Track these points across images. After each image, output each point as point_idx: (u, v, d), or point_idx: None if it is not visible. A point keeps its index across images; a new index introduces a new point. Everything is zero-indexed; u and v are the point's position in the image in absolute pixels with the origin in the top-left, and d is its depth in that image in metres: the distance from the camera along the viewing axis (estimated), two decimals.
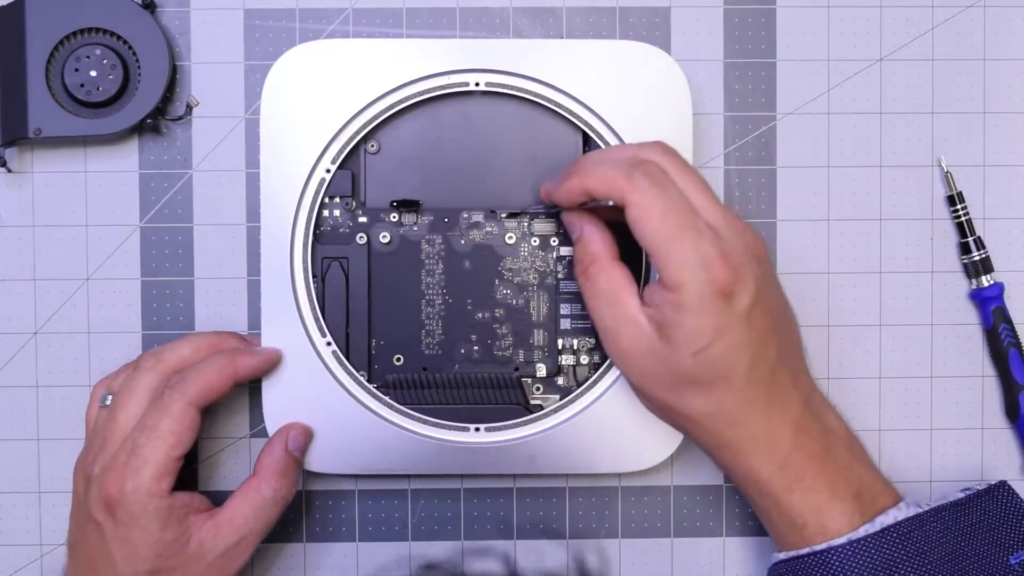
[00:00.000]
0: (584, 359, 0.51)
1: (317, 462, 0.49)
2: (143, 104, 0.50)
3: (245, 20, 0.52)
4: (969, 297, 0.53)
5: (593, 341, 0.51)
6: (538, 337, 0.51)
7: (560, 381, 0.51)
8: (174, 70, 0.51)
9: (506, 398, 0.50)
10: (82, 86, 0.50)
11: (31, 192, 0.52)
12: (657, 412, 0.47)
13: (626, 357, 0.45)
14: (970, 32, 0.53)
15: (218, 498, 0.47)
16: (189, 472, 0.51)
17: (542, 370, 0.51)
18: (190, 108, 0.52)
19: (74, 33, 0.50)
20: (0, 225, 0.52)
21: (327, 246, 0.50)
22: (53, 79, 0.50)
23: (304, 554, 0.52)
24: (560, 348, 0.51)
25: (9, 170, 0.52)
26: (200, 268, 0.52)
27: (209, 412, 0.47)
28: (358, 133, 0.49)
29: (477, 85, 0.49)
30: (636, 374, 0.45)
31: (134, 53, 0.50)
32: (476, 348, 0.51)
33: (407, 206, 0.50)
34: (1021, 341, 0.52)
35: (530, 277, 0.51)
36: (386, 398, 0.49)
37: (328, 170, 0.49)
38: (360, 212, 0.50)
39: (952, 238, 0.53)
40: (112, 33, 0.50)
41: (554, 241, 0.51)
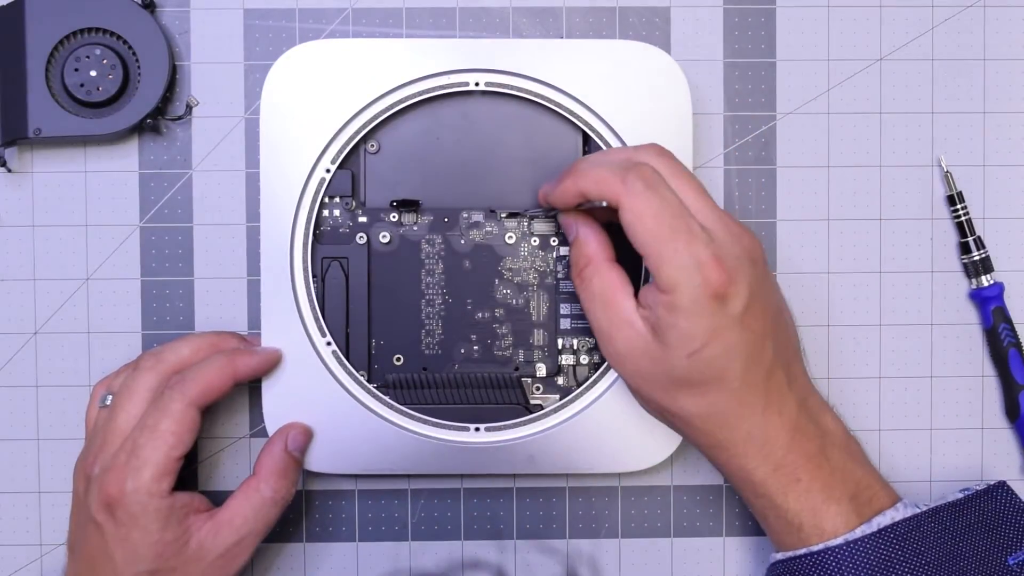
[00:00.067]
0: (584, 359, 0.51)
1: (317, 462, 0.49)
2: (143, 104, 0.50)
3: (245, 20, 0.52)
4: (969, 297, 0.53)
5: (593, 341, 0.51)
6: (538, 337, 0.51)
7: (560, 381, 0.51)
8: (174, 70, 0.51)
9: (506, 398, 0.50)
10: (82, 86, 0.50)
11: (31, 192, 0.52)
12: (654, 413, 0.47)
13: (622, 359, 0.45)
14: (970, 32, 0.53)
15: (218, 498, 0.48)
16: (189, 472, 0.51)
17: (542, 370, 0.51)
18: (190, 108, 0.52)
19: (74, 33, 0.50)
20: (0, 225, 0.52)
21: (327, 246, 0.50)
22: (53, 79, 0.50)
23: (304, 554, 0.52)
24: (560, 348, 0.51)
25: (9, 170, 0.52)
26: (200, 268, 0.52)
27: (209, 412, 0.47)
28: (358, 133, 0.49)
29: (477, 85, 0.49)
30: (632, 376, 0.45)
31: (134, 53, 0.50)
32: (476, 348, 0.51)
33: (407, 206, 0.50)
34: (1021, 341, 0.52)
35: (530, 277, 0.51)
36: (386, 398, 0.49)
37: (328, 170, 0.49)
38: (360, 212, 0.50)
39: (952, 238, 0.53)
40: (112, 33, 0.50)
41: (554, 241, 0.51)
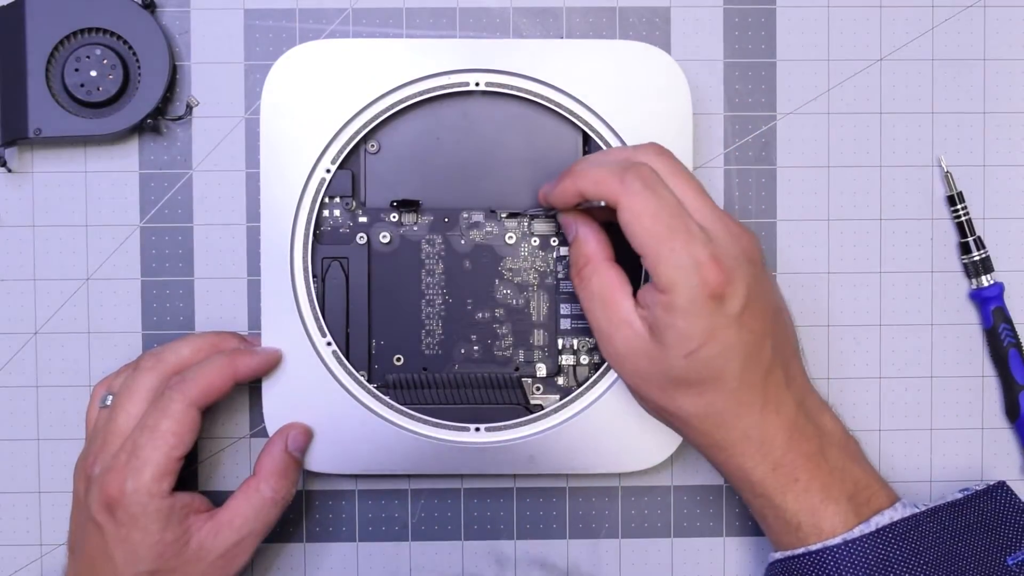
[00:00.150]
0: (584, 359, 0.51)
1: (317, 462, 0.49)
2: (143, 104, 0.50)
3: (245, 20, 0.52)
4: (969, 297, 0.53)
5: (593, 341, 0.51)
6: (538, 337, 0.51)
7: (560, 381, 0.51)
8: (174, 70, 0.51)
9: (506, 398, 0.50)
10: (82, 86, 0.50)
11: (31, 192, 0.52)
12: (652, 413, 0.47)
13: (620, 358, 0.45)
14: (970, 32, 0.53)
15: (218, 498, 0.48)
16: (189, 472, 0.51)
17: (542, 370, 0.51)
18: (190, 108, 0.52)
19: (74, 33, 0.50)
20: (0, 225, 0.52)
21: (327, 246, 0.50)
22: (53, 79, 0.50)
23: (304, 554, 0.52)
24: (560, 348, 0.51)
25: (9, 170, 0.52)
26: (200, 268, 0.52)
27: (209, 412, 0.47)
28: (358, 133, 0.49)
29: (477, 85, 0.49)
30: (630, 375, 0.45)
31: (134, 53, 0.50)
32: (476, 348, 0.51)
33: (407, 206, 0.50)
34: (1021, 341, 0.52)
35: (530, 277, 0.51)
36: (386, 398, 0.49)
37: (328, 170, 0.49)
38: (360, 212, 0.50)
39: (952, 238, 0.53)
40: (112, 33, 0.50)
41: (554, 241, 0.51)
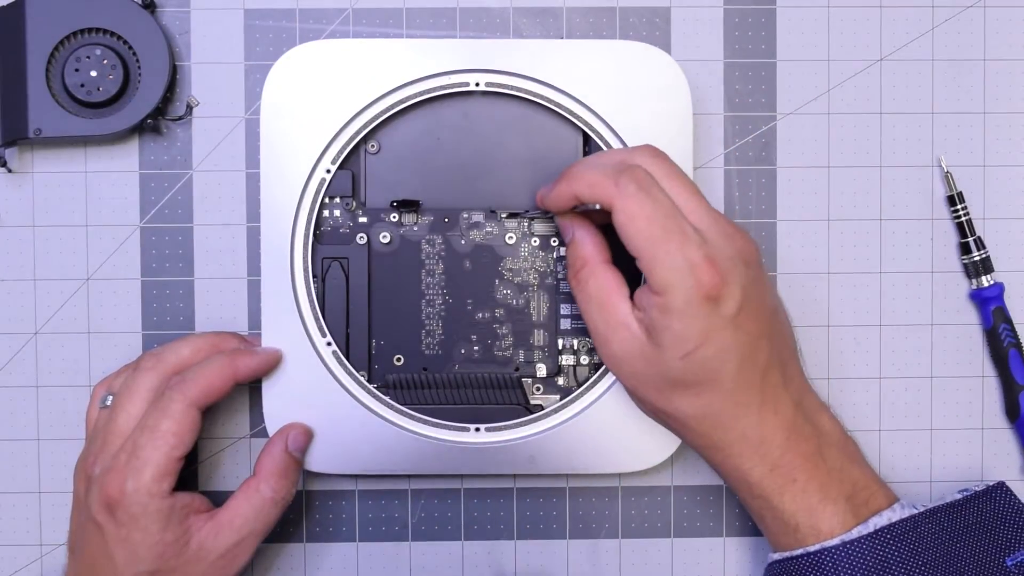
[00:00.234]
0: (584, 359, 0.51)
1: (317, 462, 0.49)
2: (143, 104, 0.50)
3: (245, 20, 0.52)
4: (969, 297, 0.53)
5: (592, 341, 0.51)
6: (538, 337, 0.51)
7: (560, 381, 0.51)
8: (174, 70, 0.51)
9: (506, 398, 0.50)
10: (82, 86, 0.50)
11: (31, 192, 0.52)
12: (650, 415, 0.47)
13: (617, 361, 0.45)
14: (970, 32, 0.53)
15: (218, 498, 0.48)
16: (189, 472, 0.51)
17: (542, 370, 0.51)
18: (190, 108, 0.52)
19: (74, 33, 0.50)
20: (0, 225, 0.52)
21: (327, 246, 0.50)
22: (53, 79, 0.50)
23: (304, 554, 0.52)
24: (560, 348, 0.51)
25: (9, 170, 0.52)
26: (200, 268, 0.52)
27: (209, 412, 0.47)
28: (358, 133, 0.49)
29: (477, 85, 0.49)
30: (627, 377, 0.45)
31: (134, 53, 0.50)
32: (476, 348, 0.51)
33: (407, 206, 0.50)
34: (1021, 341, 0.52)
35: (530, 277, 0.51)
36: (386, 398, 0.49)
37: (328, 170, 0.49)
38: (360, 212, 0.50)
39: (952, 238, 0.53)
40: (112, 33, 0.50)
41: (554, 241, 0.51)
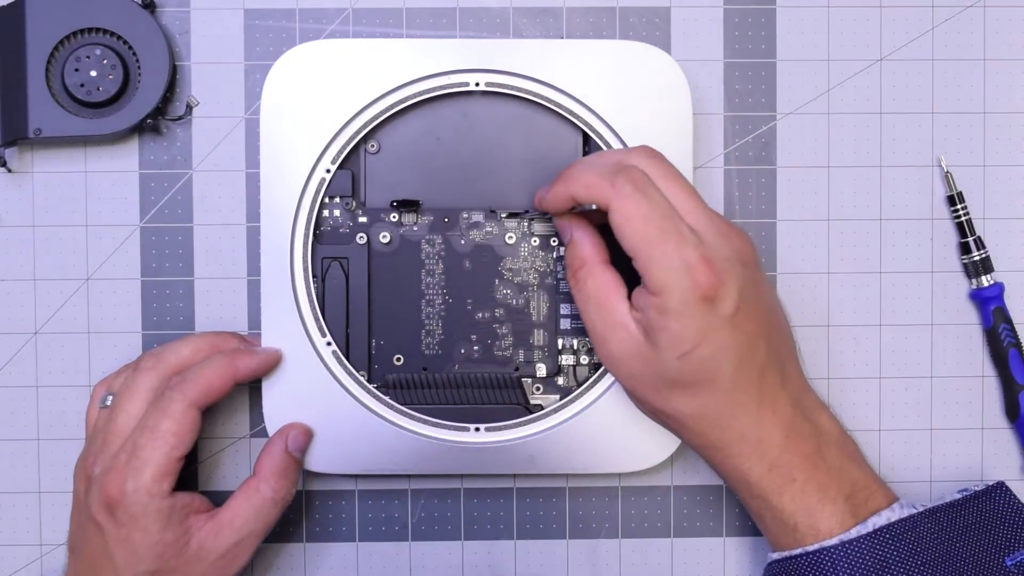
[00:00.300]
0: (584, 359, 0.51)
1: (317, 462, 0.49)
2: (143, 104, 0.50)
3: (245, 20, 0.52)
4: (969, 297, 0.53)
5: None
6: (538, 337, 0.51)
7: (560, 381, 0.51)
8: (174, 70, 0.51)
9: (506, 398, 0.50)
10: (82, 86, 0.50)
11: (31, 192, 0.52)
12: (649, 415, 0.47)
13: (616, 361, 0.45)
14: (970, 32, 0.53)
15: (218, 498, 0.48)
16: (189, 472, 0.51)
17: (542, 370, 0.51)
18: (190, 108, 0.52)
19: (74, 33, 0.50)
20: (0, 225, 0.52)
21: (327, 246, 0.50)
22: (53, 79, 0.50)
23: (304, 554, 0.52)
24: (560, 348, 0.51)
25: (9, 170, 0.52)
26: (200, 268, 0.52)
27: (209, 412, 0.47)
28: (358, 133, 0.49)
29: (477, 85, 0.49)
30: (626, 377, 0.45)
31: (134, 53, 0.50)
32: (476, 348, 0.51)
33: (407, 206, 0.50)
34: (1021, 341, 0.52)
35: (530, 277, 0.51)
36: (386, 398, 0.49)
37: (328, 170, 0.49)
38: (360, 212, 0.50)
39: (952, 238, 0.53)
40: (112, 33, 0.50)
41: (554, 241, 0.51)
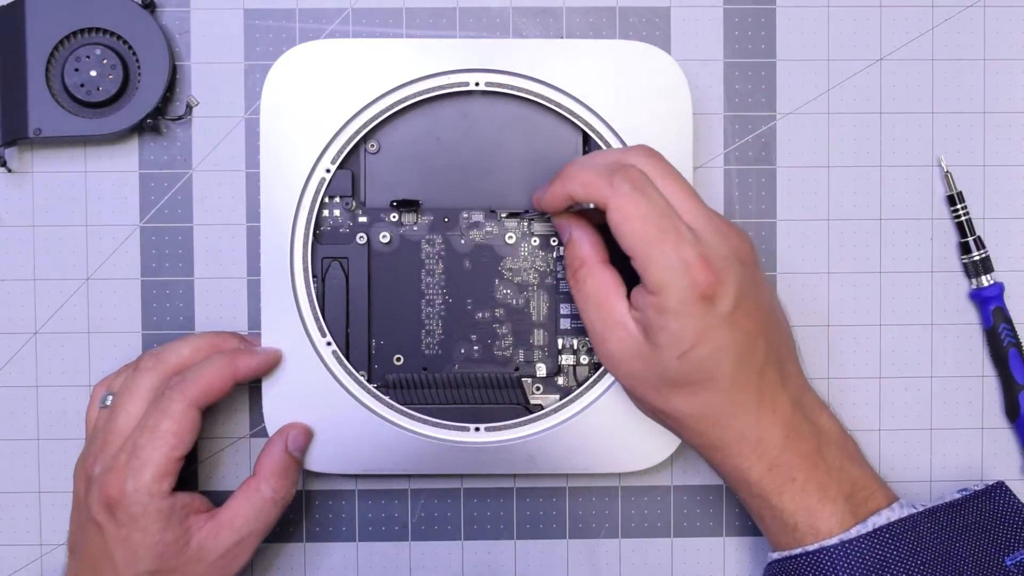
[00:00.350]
0: (584, 359, 0.51)
1: (317, 462, 0.49)
2: (143, 104, 0.50)
3: (245, 20, 0.52)
4: (969, 297, 0.53)
5: None
6: (538, 337, 0.51)
7: (560, 381, 0.51)
8: (174, 70, 0.51)
9: (506, 398, 0.50)
10: (82, 86, 0.50)
11: (31, 192, 0.52)
12: (648, 414, 0.47)
13: (615, 360, 0.45)
14: (970, 32, 0.53)
15: (218, 498, 0.48)
16: (189, 472, 0.51)
17: (542, 370, 0.51)
18: (190, 108, 0.52)
19: (74, 33, 0.50)
20: (0, 225, 0.52)
21: (327, 246, 0.50)
22: (53, 79, 0.50)
23: (304, 554, 0.52)
24: (560, 348, 0.51)
25: (9, 170, 0.52)
26: (200, 268, 0.52)
27: (209, 412, 0.47)
28: (358, 133, 0.49)
29: (477, 85, 0.49)
30: (625, 377, 0.45)
31: (134, 53, 0.50)
32: (476, 348, 0.51)
33: (407, 206, 0.50)
34: (1021, 341, 0.52)
35: (530, 277, 0.51)
36: (386, 398, 0.49)
37: (328, 170, 0.49)
38: (360, 212, 0.50)
39: (952, 238, 0.53)
40: (112, 33, 0.50)
41: (554, 241, 0.51)
